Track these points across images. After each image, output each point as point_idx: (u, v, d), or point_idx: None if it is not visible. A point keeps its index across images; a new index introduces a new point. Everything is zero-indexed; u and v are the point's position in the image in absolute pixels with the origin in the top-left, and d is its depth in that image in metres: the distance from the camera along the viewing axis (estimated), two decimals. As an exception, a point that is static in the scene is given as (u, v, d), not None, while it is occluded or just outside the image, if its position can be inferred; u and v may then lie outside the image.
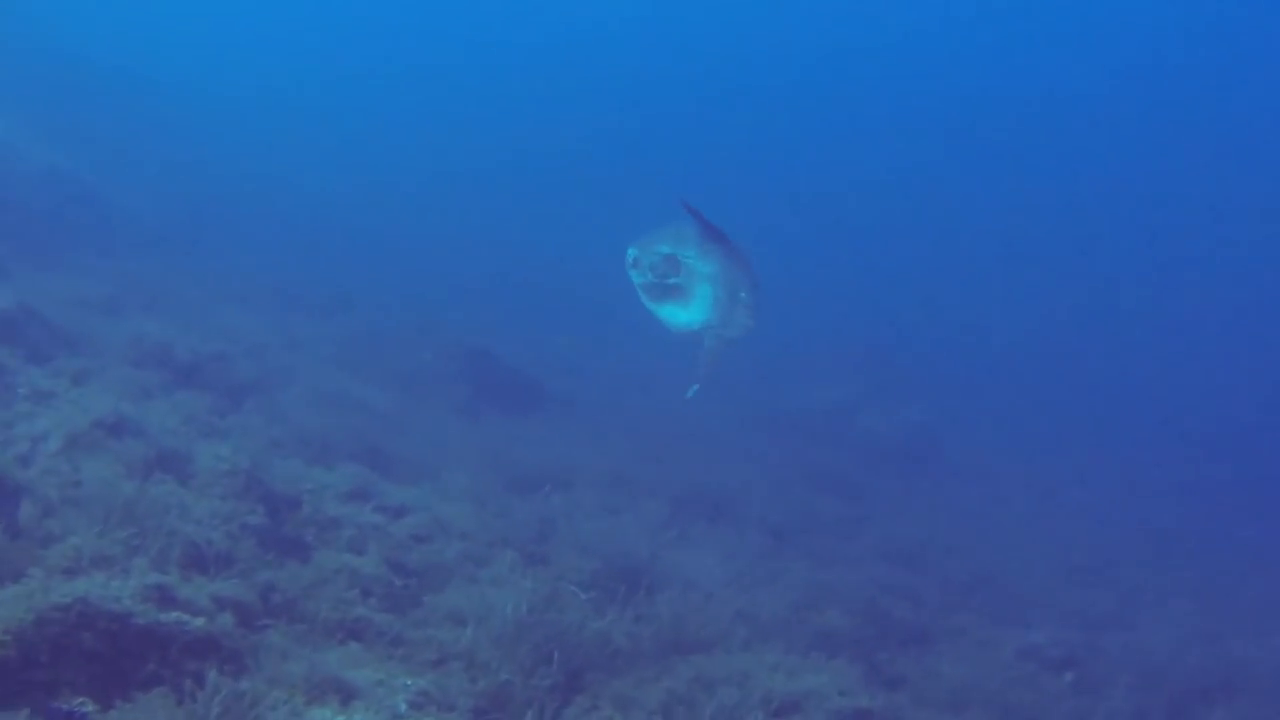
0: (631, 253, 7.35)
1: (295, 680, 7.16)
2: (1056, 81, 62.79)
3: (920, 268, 38.59)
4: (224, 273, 19.28)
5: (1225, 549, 20.73)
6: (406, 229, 29.70)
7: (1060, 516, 20.88)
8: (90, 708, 6.43)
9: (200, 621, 7.10)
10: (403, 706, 7.19)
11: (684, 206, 7.04)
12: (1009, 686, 11.67)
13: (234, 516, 9.04)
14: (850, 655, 10.61)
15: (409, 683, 7.56)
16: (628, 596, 9.90)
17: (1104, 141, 59.59)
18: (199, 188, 25.49)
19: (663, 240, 7.30)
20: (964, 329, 32.47)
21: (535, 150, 47.29)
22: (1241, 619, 16.04)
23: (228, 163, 28.74)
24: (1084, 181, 53.84)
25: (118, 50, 34.21)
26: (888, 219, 44.45)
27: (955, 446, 24.79)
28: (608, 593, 9.91)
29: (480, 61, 63.30)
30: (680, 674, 9.05)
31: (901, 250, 40.80)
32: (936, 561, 15.98)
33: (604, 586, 10.10)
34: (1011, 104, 62.67)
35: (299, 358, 14.98)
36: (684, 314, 7.21)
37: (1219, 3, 60.66)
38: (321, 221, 26.66)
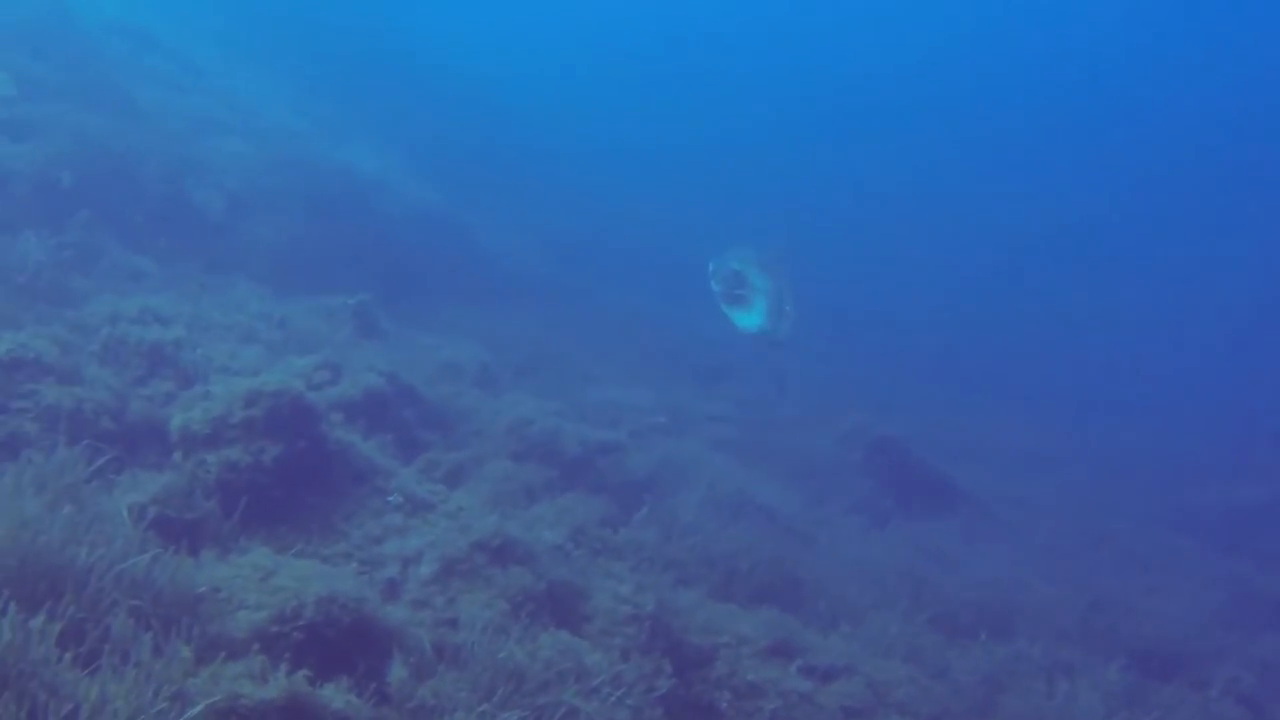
0: (710, 266, 8.90)
1: None
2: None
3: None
4: (596, 323, 17.84)
5: None
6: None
7: None
8: None
9: None
10: None
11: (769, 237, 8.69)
12: None
13: (638, 683, 7.20)
14: None
15: None
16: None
17: None
18: (566, 226, 24.40)
19: (734, 258, 8.89)
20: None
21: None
22: None
23: (595, 202, 27.56)
24: None
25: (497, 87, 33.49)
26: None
27: None
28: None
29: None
30: None
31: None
32: None
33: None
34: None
35: (688, 445, 13.19)
36: (746, 318, 8.67)
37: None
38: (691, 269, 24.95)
